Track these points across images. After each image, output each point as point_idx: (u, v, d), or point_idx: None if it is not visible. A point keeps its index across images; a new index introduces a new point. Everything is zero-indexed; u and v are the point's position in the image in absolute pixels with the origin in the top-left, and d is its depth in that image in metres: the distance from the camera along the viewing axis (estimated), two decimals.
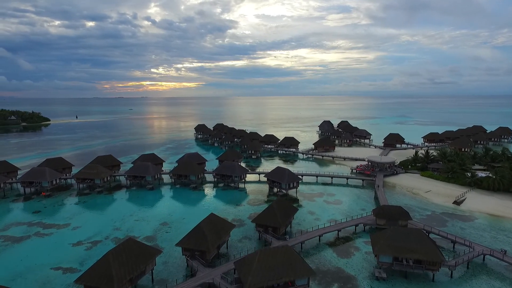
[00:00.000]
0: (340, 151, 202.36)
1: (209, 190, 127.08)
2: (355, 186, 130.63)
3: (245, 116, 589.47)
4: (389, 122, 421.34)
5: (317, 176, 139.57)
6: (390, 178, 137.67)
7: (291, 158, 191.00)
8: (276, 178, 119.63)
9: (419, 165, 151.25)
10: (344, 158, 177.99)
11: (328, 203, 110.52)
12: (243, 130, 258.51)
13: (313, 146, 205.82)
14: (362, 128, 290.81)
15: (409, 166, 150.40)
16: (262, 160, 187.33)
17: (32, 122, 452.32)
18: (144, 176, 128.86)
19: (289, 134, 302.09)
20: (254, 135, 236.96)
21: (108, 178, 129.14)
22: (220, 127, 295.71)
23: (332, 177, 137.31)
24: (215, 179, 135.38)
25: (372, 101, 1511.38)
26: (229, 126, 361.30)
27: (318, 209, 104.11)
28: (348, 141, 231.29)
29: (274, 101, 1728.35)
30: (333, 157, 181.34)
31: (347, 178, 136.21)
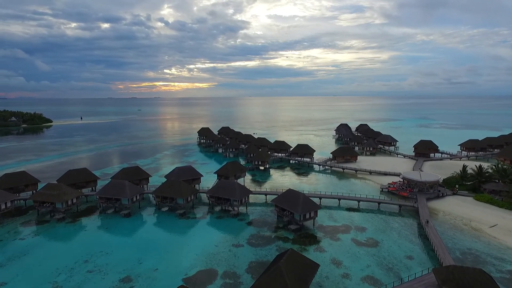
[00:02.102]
0: (363, 161, 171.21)
1: (200, 218, 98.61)
2: (391, 214, 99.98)
3: (255, 117, 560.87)
4: (411, 125, 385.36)
5: (339, 199, 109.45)
6: (435, 203, 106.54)
7: (305, 170, 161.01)
8: (287, 206, 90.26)
9: (469, 183, 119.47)
10: (370, 172, 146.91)
11: (358, 244, 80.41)
12: (249, 135, 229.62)
13: (331, 155, 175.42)
14: (383, 132, 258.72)
15: (456, 186, 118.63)
16: (271, 172, 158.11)
17: (33, 124, 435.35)
18: (119, 198, 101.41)
19: (302, 138, 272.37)
20: (262, 141, 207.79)
21: (75, 201, 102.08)
22: (225, 131, 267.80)
23: (359, 201, 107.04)
24: (210, 202, 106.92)
25: (387, 102, 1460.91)
26: (237, 129, 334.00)
27: (345, 257, 74.16)
28: (371, 148, 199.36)
29: (286, 102, 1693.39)
30: (356, 170, 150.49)
31: (379, 203, 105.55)
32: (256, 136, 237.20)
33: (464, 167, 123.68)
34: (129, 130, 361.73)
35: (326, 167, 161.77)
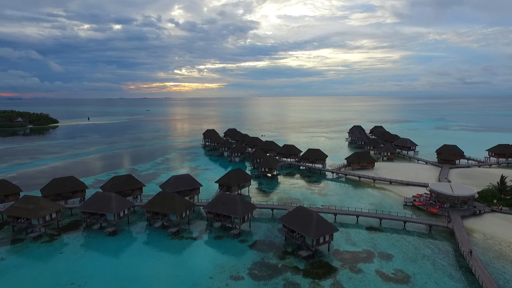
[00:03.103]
0: (381, 168, 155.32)
1: (195, 238, 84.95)
2: (420, 235, 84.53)
3: (263, 118, 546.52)
4: (428, 126, 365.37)
5: (357, 216, 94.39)
6: (472, 222, 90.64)
7: (316, 177, 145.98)
8: (297, 227, 75.86)
9: (508, 198, 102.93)
10: (391, 182, 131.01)
11: (385, 278, 65.41)
12: (257, 138, 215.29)
13: (345, 161, 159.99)
14: (399, 134, 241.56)
15: (494, 201, 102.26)
16: (279, 179, 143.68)
17: (39, 124, 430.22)
18: (103, 214, 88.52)
19: (312, 141, 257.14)
20: (270, 144, 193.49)
21: (54, 216, 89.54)
22: (232, 133, 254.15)
23: (381, 219, 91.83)
24: (208, 219, 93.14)
25: (400, 102, 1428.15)
26: (244, 130, 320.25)
27: None
28: (388, 153, 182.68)
29: (296, 102, 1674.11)
30: (374, 179, 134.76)
31: (405, 221, 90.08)
32: (264, 139, 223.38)
33: (503, 178, 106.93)
34: (134, 131, 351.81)
35: (340, 174, 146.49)
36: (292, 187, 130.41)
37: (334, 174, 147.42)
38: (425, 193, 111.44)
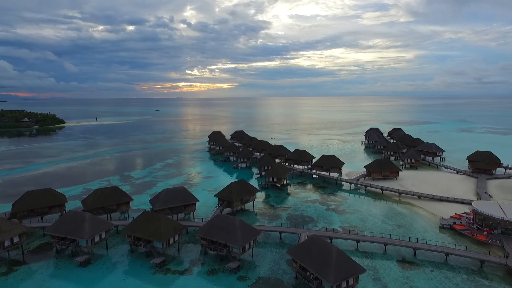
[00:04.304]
0: (406, 178, 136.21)
1: (183, 273, 68.41)
2: (468, 273, 66.06)
3: (274, 119, 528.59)
4: (450, 128, 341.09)
5: (385, 244, 76.32)
6: None
7: (332, 189, 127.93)
8: (312, 267, 58.51)
9: None
10: (420, 196, 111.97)
11: None
12: (265, 142, 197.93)
13: (364, 169, 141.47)
14: (417, 136, 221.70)
15: None
16: (289, 190, 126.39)
17: (45, 125, 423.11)
18: (74, 240, 72.94)
19: (326, 144, 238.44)
20: (280, 149, 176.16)
21: (17, 240, 74.33)
22: (239, 136, 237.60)
23: (416, 249, 73.52)
24: (202, 245, 76.48)
25: (415, 102, 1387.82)
26: (253, 132, 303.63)
27: None
28: (413, 160, 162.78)
29: (307, 102, 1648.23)
30: (400, 193, 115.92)
31: (447, 254, 71.56)
32: (273, 141, 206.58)
33: None
34: (139, 132, 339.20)
35: (359, 185, 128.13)
36: (304, 201, 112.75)
37: (352, 185, 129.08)
38: (465, 213, 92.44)
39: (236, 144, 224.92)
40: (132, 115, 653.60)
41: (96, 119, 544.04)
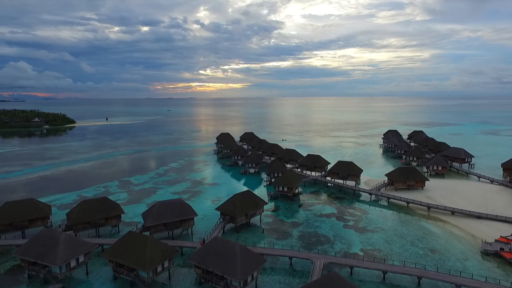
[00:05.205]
0: (433, 189, 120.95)
1: None
2: None
3: (286, 120, 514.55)
4: (474, 131, 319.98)
5: (420, 278, 62.41)
6: None
7: (349, 200, 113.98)
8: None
9: None
10: (453, 212, 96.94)
11: None
12: (276, 145, 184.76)
13: (386, 178, 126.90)
14: (438, 139, 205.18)
15: None
16: (301, 200, 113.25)
17: (55, 125, 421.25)
18: (46, 266, 61.83)
19: (341, 147, 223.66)
20: (291, 153, 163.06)
21: None
22: (248, 138, 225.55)
23: (459, 286, 59.36)
24: (197, 275, 64.09)
25: (431, 103, 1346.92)
26: (264, 134, 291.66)
27: None
28: (439, 168, 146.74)
29: (320, 102, 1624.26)
30: (429, 207, 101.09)
31: None
32: (285, 144, 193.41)
33: None
34: (147, 133, 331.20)
35: (380, 196, 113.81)
36: (318, 215, 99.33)
37: (373, 196, 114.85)
38: None
39: (245, 146, 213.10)
40: (143, 115, 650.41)
41: (107, 119, 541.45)
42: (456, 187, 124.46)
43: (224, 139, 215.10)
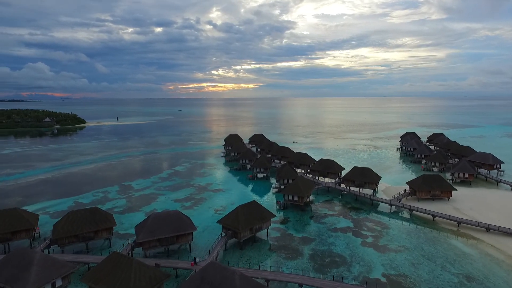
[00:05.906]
0: (460, 199, 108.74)
1: None
2: None
3: (297, 120, 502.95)
4: (497, 133, 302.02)
5: None
6: None
7: (366, 211, 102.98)
8: None
9: None
10: (488, 228, 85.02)
11: None
12: (286, 148, 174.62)
13: (406, 187, 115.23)
14: (459, 142, 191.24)
15: None
16: (313, 210, 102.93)
17: (66, 125, 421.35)
18: None
19: (355, 150, 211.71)
20: (303, 157, 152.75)
21: None
22: (257, 140, 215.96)
23: None
24: None
25: (448, 103, 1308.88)
26: (275, 135, 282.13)
27: None
28: (466, 175, 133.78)
29: (333, 102, 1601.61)
30: (458, 222, 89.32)
31: None
32: (296, 146, 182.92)
33: None
34: (156, 134, 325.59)
35: (401, 208, 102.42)
36: (331, 230, 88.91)
37: (393, 207, 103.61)
38: None
39: (254, 149, 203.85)
40: (154, 115, 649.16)
41: (117, 119, 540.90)
42: (486, 198, 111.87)
43: (232, 141, 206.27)
